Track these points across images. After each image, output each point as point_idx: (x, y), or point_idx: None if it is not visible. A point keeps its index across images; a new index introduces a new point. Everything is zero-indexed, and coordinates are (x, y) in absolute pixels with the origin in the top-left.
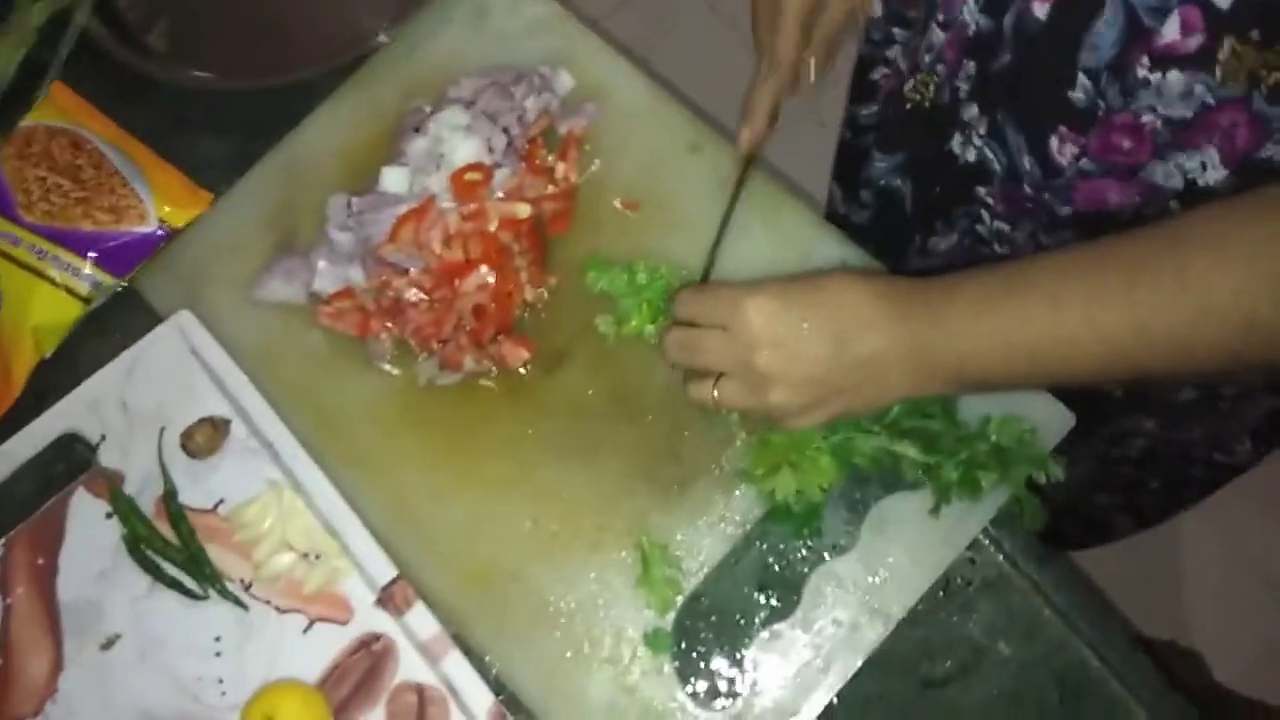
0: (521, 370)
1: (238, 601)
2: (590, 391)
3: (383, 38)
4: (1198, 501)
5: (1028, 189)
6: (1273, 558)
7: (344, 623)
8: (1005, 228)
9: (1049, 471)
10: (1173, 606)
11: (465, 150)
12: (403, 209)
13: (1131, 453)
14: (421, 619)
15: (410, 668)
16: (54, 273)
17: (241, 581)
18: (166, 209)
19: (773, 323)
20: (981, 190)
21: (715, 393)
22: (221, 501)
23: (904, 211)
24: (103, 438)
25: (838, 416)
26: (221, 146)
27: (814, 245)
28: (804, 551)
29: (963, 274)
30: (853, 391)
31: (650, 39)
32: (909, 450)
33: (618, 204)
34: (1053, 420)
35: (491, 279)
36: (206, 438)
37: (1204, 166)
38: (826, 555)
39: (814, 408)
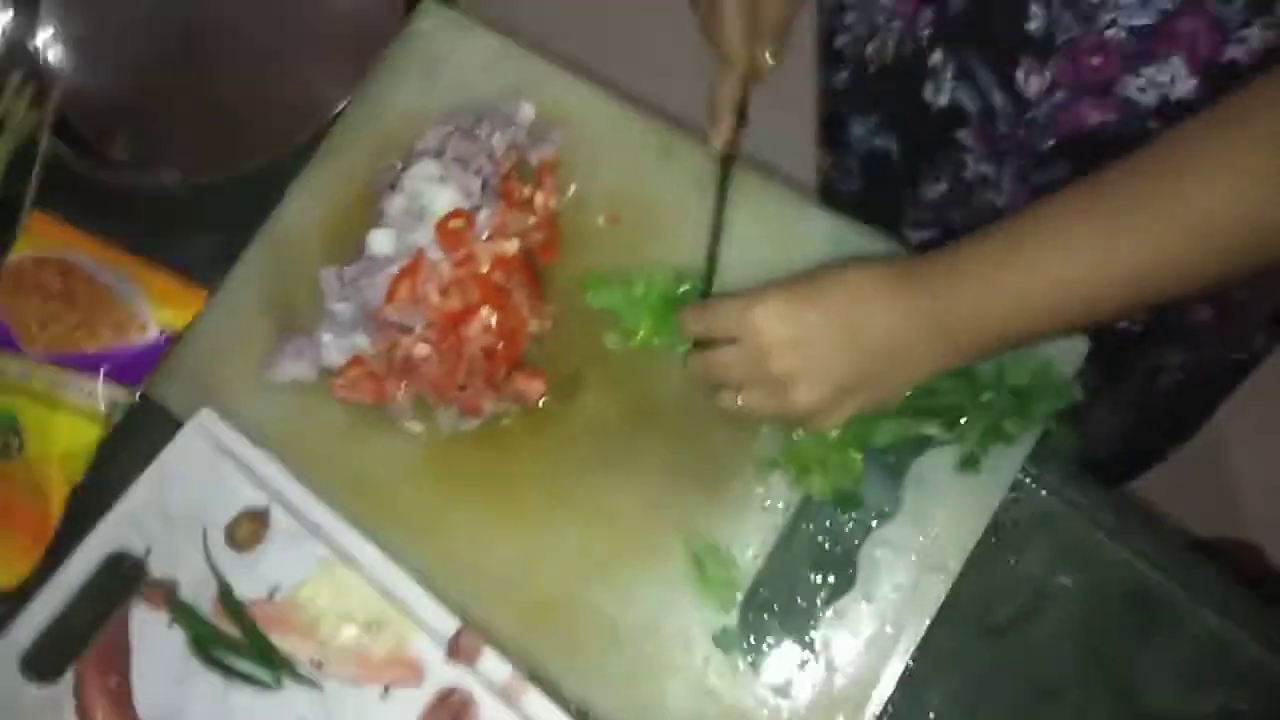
0: (540, 403)
1: (312, 683)
2: (610, 410)
3: (343, 106)
4: (1225, 399)
5: (1002, 127)
6: None
7: (419, 683)
8: (989, 171)
9: (1069, 396)
10: (1223, 503)
11: (443, 199)
12: (394, 269)
13: (1162, 389)
14: (493, 664)
15: (491, 713)
16: (69, 398)
17: (311, 662)
18: (164, 313)
19: (780, 326)
20: (960, 134)
21: (740, 403)
22: (276, 588)
23: (892, 170)
24: (148, 550)
25: (866, 408)
26: (204, 241)
27: (800, 222)
28: (851, 525)
29: (962, 241)
30: (877, 380)
31: (604, 48)
32: (931, 429)
33: (601, 221)
34: (1066, 349)
35: (494, 319)
36: (249, 530)
37: (1173, 80)
38: (874, 524)
39: (839, 403)
